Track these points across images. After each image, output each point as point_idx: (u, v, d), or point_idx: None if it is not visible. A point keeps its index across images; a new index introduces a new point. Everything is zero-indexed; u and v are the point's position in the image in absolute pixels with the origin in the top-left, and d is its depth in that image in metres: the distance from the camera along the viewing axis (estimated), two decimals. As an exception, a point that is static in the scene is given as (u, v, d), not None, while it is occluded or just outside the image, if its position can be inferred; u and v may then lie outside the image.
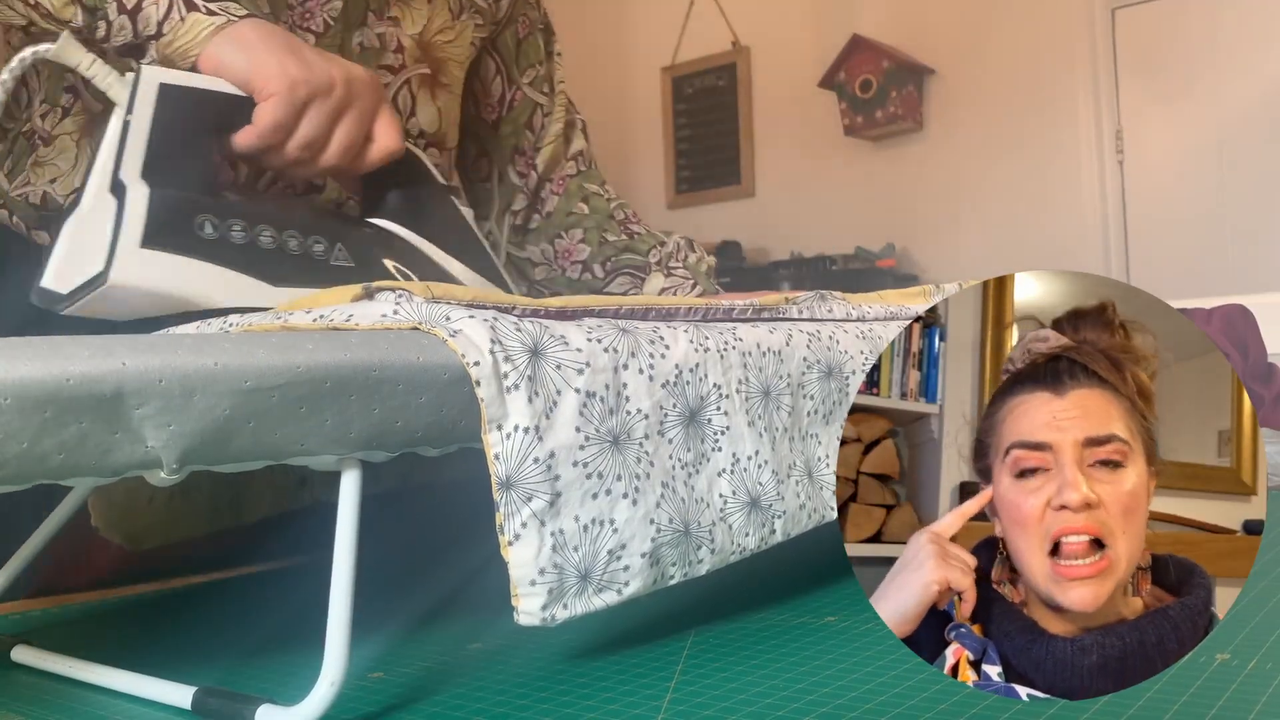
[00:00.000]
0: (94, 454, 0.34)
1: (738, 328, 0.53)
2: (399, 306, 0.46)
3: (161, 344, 0.36)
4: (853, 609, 0.52)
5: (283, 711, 0.38)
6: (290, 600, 0.62)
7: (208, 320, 0.52)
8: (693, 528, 0.47)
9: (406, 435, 0.41)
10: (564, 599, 0.43)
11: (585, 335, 0.46)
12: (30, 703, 0.43)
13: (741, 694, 0.40)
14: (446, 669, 0.46)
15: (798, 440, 0.54)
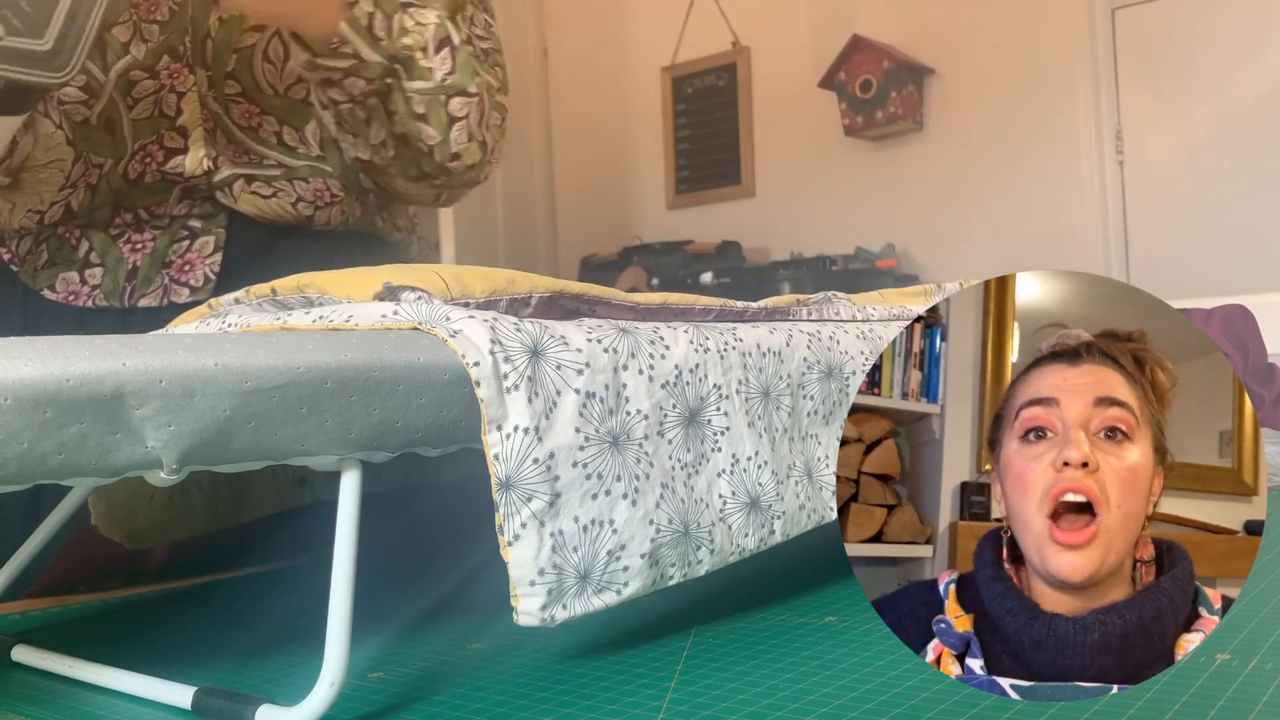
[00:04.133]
0: (94, 454, 0.34)
1: (738, 328, 0.53)
2: (399, 307, 0.46)
3: (162, 344, 0.36)
4: (853, 609, 0.52)
5: (283, 711, 0.38)
6: (290, 600, 0.62)
7: (207, 320, 0.52)
8: (692, 528, 0.47)
9: (407, 436, 0.41)
10: (563, 599, 0.43)
11: (585, 336, 0.46)
12: (30, 703, 0.43)
13: (741, 694, 0.40)
14: (446, 669, 0.46)
15: (797, 441, 0.54)
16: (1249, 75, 3.26)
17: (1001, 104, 3.65)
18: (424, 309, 0.45)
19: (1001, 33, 3.63)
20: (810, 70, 3.97)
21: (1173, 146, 3.41)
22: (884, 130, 3.82)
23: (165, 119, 0.85)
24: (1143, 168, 3.47)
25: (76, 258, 0.87)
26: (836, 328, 0.58)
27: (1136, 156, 3.47)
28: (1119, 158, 3.50)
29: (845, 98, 3.84)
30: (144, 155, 0.85)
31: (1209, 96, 3.32)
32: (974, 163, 3.71)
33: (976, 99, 3.70)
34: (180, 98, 0.85)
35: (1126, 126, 3.49)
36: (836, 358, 0.56)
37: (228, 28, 0.85)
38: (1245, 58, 3.26)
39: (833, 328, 0.58)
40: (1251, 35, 3.25)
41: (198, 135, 0.86)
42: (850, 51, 3.79)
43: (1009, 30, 3.62)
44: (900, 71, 3.72)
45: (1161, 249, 3.42)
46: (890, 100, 3.73)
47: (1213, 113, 3.32)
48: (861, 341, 0.58)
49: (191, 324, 0.52)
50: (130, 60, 0.83)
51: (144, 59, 0.83)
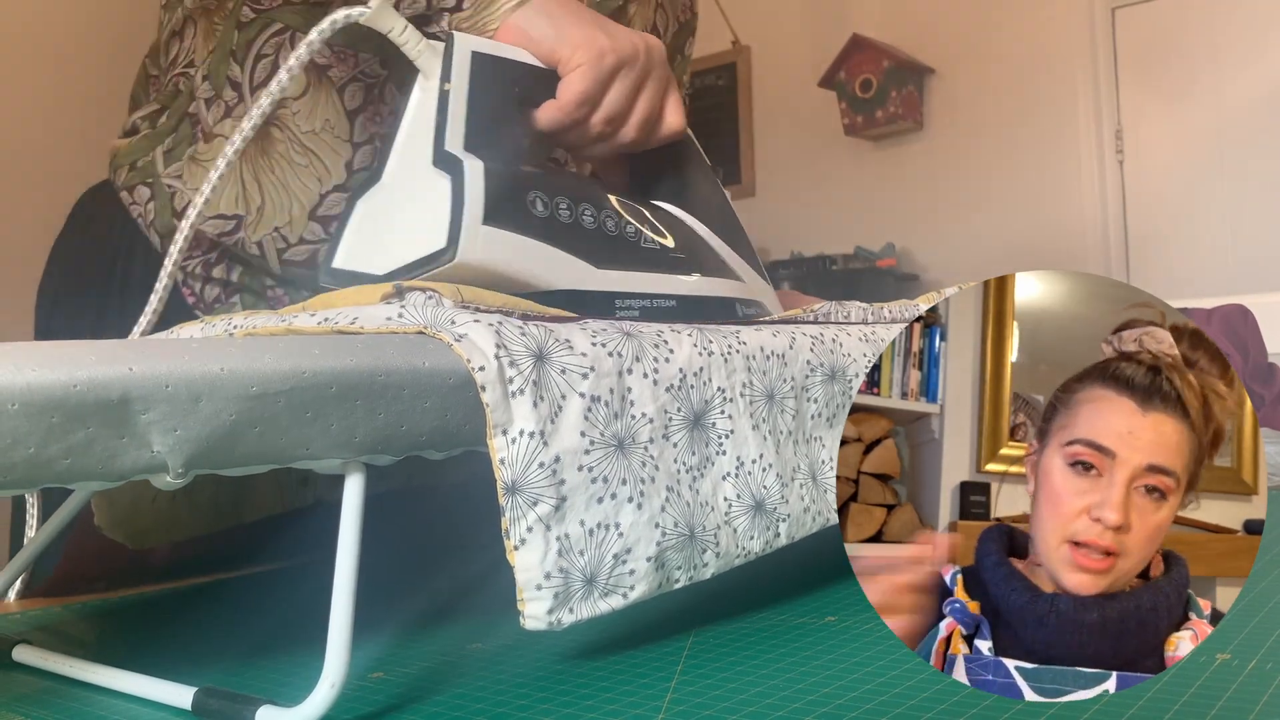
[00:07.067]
0: (100, 458, 0.34)
1: (741, 331, 0.54)
2: (404, 310, 0.46)
3: (168, 349, 0.36)
4: (853, 609, 0.52)
5: (283, 712, 0.38)
6: (291, 600, 0.62)
7: (211, 323, 0.52)
8: (698, 531, 0.48)
9: (411, 439, 0.41)
10: (570, 603, 0.43)
11: (590, 339, 0.46)
12: (30, 703, 0.43)
13: (741, 694, 0.41)
14: (447, 670, 0.46)
15: (801, 443, 0.54)
16: (1249, 75, 3.26)
17: (1001, 104, 3.65)
18: (429, 312, 0.45)
19: (1001, 33, 3.63)
20: (810, 70, 3.97)
21: (1173, 146, 3.41)
22: (884, 130, 3.82)
23: None
24: (1143, 168, 3.47)
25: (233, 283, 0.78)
26: (840, 330, 0.58)
27: (1136, 156, 3.48)
28: (1119, 158, 3.50)
29: (845, 97, 3.84)
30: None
31: (1209, 96, 3.33)
32: (974, 163, 3.71)
33: (976, 99, 3.70)
34: None
35: (1126, 126, 3.49)
36: (840, 360, 0.56)
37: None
38: (1245, 58, 3.26)
39: (835, 330, 0.58)
40: (1251, 35, 3.25)
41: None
42: (850, 51, 3.79)
43: (1009, 30, 3.62)
44: (900, 71, 3.72)
45: (1161, 249, 3.42)
46: (890, 100, 3.74)
47: (1212, 112, 3.32)
48: (864, 344, 0.58)
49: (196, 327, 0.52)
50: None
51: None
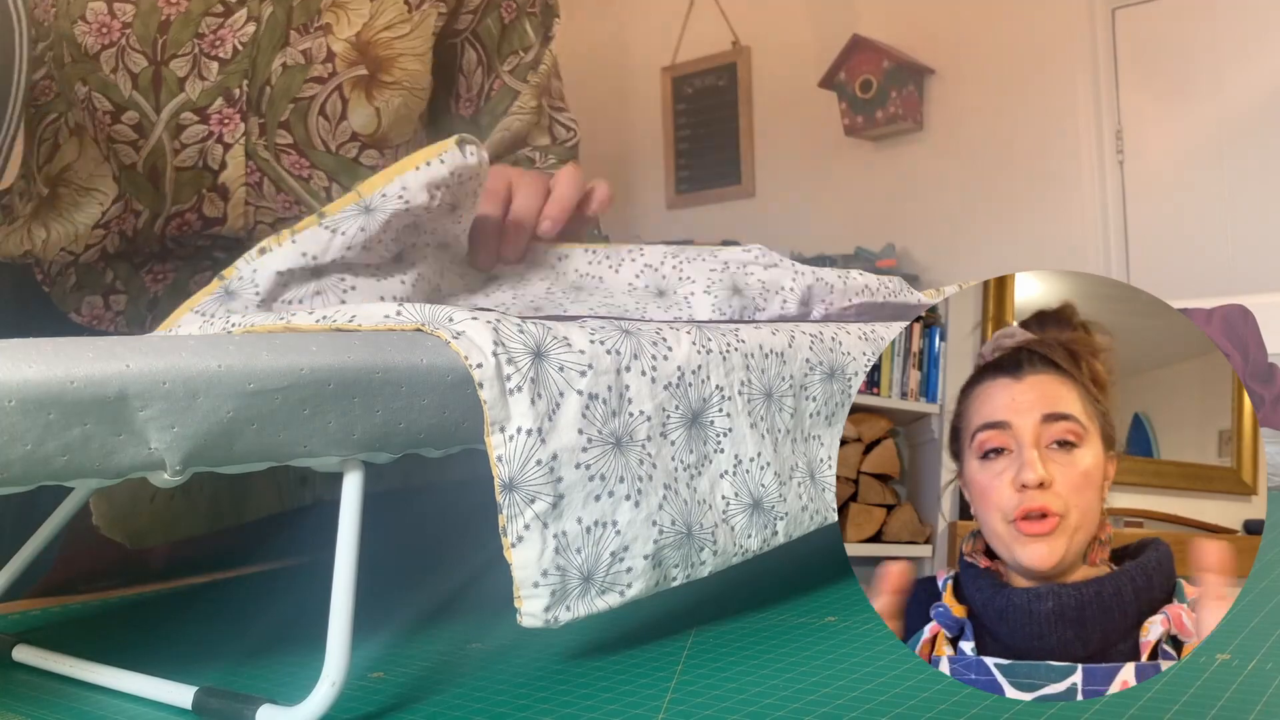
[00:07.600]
0: (97, 456, 0.34)
1: (740, 329, 0.53)
2: (402, 307, 0.46)
3: (165, 346, 0.36)
4: (853, 609, 0.52)
5: (283, 711, 0.38)
6: (291, 600, 0.62)
7: (210, 319, 0.52)
8: (695, 529, 0.47)
9: (409, 437, 0.41)
10: (567, 601, 0.43)
11: (588, 337, 0.46)
12: (30, 703, 0.43)
13: (741, 694, 0.41)
14: (447, 669, 0.46)
15: (800, 442, 0.54)
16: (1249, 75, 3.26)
17: (1001, 104, 3.65)
18: (428, 309, 0.45)
19: (1001, 33, 3.63)
20: (810, 70, 3.97)
21: (1173, 146, 3.41)
22: (884, 130, 3.82)
23: (208, 172, 0.83)
24: (1143, 168, 3.47)
25: (103, 283, 0.87)
26: (839, 328, 0.58)
27: (1136, 156, 3.48)
28: (1119, 158, 3.50)
29: (845, 97, 3.84)
30: (180, 221, 0.84)
31: (1209, 96, 3.33)
32: (974, 162, 3.71)
33: (976, 99, 3.70)
34: (226, 150, 0.82)
35: (1126, 126, 3.49)
36: (839, 359, 0.56)
37: (290, 75, 0.82)
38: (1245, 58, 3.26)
39: (834, 328, 0.58)
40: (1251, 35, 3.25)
41: (239, 197, 0.84)
42: (850, 51, 3.79)
43: (1009, 30, 3.62)
44: (900, 71, 3.72)
45: (1161, 249, 3.42)
46: (890, 100, 3.74)
47: (1212, 113, 3.32)
48: (863, 342, 0.58)
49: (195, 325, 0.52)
50: (184, 99, 0.80)
51: (197, 99, 0.81)
